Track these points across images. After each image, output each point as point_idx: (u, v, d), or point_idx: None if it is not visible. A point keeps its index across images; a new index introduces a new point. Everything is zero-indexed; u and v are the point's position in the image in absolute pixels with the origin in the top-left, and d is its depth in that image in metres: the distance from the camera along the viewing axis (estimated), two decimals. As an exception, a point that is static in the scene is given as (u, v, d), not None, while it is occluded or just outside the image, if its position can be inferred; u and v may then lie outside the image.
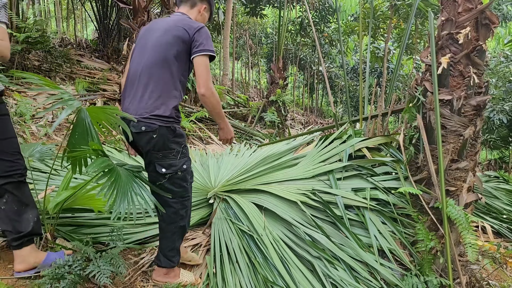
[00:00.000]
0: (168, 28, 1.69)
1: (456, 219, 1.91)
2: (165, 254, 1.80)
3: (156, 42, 1.68)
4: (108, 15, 8.08)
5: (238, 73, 16.15)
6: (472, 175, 2.14)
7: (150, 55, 1.67)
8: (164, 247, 1.80)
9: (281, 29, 6.94)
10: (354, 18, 10.20)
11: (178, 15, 1.79)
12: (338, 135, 2.80)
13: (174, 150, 1.67)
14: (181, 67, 1.69)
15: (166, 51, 1.65)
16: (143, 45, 1.74)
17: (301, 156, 2.86)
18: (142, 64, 1.68)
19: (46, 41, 5.00)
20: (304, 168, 2.64)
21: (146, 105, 1.62)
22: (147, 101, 1.62)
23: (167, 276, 1.85)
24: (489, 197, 3.43)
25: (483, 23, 2.05)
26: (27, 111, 3.71)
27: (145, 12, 5.10)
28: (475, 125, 2.10)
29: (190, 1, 1.84)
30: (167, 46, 1.65)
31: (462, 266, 2.14)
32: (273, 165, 2.82)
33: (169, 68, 1.65)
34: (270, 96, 7.18)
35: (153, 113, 1.60)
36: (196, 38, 1.65)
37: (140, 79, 1.66)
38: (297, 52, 12.35)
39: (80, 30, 13.13)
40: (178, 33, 1.65)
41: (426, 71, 2.27)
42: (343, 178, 2.42)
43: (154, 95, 1.62)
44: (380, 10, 7.89)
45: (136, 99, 1.65)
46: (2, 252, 1.82)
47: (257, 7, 9.94)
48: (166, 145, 1.64)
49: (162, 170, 1.66)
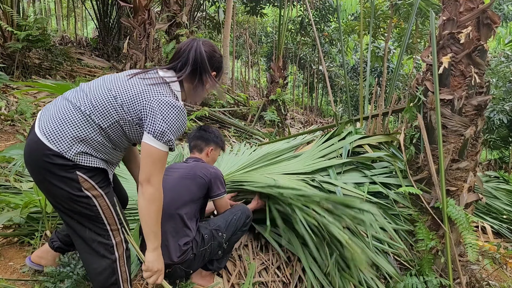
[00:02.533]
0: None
1: (457, 219, 1.91)
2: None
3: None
4: (108, 13, 8.07)
5: (238, 72, 16.14)
6: (472, 175, 2.14)
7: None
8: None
9: (281, 28, 6.93)
10: (355, 17, 10.19)
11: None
12: (338, 131, 2.80)
13: None
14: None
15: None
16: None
17: (301, 154, 2.86)
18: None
19: (46, 39, 4.99)
20: (303, 162, 2.64)
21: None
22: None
23: (204, 279, 1.88)
24: (489, 197, 3.42)
25: (484, 23, 2.04)
26: (27, 109, 3.71)
27: (146, 10, 5.09)
28: (476, 125, 2.09)
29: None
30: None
31: (462, 266, 2.15)
32: (272, 162, 2.83)
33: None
34: (270, 95, 7.17)
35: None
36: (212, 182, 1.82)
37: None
38: (297, 51, 12.33)
39: (80, 28, 13.11)
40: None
41: (427, 70, 2.27)
42: (342, 172, 2.41)
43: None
44: (381, 9, 7.87)
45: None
46: (2, 250, 1.82)
47: (257, 6, 9.93)
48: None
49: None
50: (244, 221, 1.90)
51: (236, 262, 2.12)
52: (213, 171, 1.84)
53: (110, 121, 1.21)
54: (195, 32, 6.53)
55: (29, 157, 1.20)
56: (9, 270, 1.70)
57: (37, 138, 1.16)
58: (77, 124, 1.18)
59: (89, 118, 1.19)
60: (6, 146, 3.08)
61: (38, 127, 1.19)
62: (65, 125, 1.17)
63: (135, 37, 5.10)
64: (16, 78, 4.60)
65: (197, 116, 5.48)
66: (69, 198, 1.19)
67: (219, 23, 10.15)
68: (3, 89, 4.14)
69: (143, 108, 1.21)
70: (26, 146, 1.21)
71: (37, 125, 1.20)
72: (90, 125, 1.19)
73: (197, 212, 1.81)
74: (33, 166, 1.20)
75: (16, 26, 4.53)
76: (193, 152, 2.02)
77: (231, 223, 1.83)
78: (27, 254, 1.82)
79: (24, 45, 4.60)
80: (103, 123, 1.20)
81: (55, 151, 1.15)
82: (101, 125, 1.20)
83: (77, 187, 1.18)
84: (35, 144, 1.17)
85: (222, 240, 1.79)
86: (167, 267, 1.67)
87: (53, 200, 1.24)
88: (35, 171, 1.20)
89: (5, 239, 1.89)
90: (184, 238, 1.69)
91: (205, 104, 6.60)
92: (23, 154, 1.23)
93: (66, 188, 1.18)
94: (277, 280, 2.04)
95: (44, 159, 1.15)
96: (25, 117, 3.68)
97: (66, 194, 1.19)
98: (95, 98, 1.21)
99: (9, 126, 3.53)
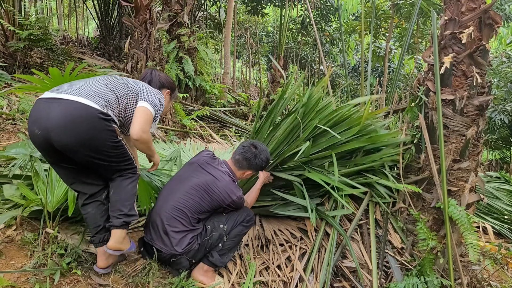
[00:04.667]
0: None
1: (458, 219, 1.90)
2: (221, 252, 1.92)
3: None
4: (109, 13, 8.08)
5: (239, 71, 16.14)
6: (474, 175, 2.14)
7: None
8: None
9: (282, 28, 6.92)
10: (356, 17, 10.17)
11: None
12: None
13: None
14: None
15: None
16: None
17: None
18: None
19: (48, 39, 5.00)
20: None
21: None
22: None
23: (205, 275, 1.91)
24: (490, 198, 3.42)
25: (486, 23, 2.04)
26: (29, 108, 3.71)
27: (147, 10, 5.09)
28: (478, 125, 2.09)
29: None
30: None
31: (463, 267, 2.14)
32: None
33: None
34: (271, 94, 7.17)
35: None
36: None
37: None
38: (298, 51, 12.32)
39: (81, 28, 13.12)
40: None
41: (428, 70, 2.27)
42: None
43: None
44: (382, 9, 7.86)
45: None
46: (4, 249, 1.83)
47: (258, 5, 9.92)
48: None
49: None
50: (245, 218, 1.96)
51: (237, 261, 2.12)
52: (236, 197, 1.90)
53: (122, 93, 1.70)
54: (196, 31, 6.52)
55: (77, 123, 1.53)
56: (11, 269, 1.71)
57: (85, 104, 1.55)
58: (106, 94, 1.65)
59: (112, 90, 1.68)
60: (7, 145, 3.09)
61: (77, 96, 1.56)
62: (102, 94, 1.62)
63: (136, 37, 5.10)
64: (18, 78, 4.61)
65: (198, 116, 5.48)
66: (112, 146, 1.62)
67: (220, 22, 10.14)
68: (5, 88, 4.14)
69: (140, 89, 1.77)
70: (62, 112, 1.53)
71: (72, 97, 1.56)
72: (113, 94, 1.68)
73: (207, 216, 1.94)
74: (81, 130, 1.53)
75: (18, 26, 4.54)
76: (233, 162, 2.05)
77: (232, 216, 1.94)
78: (28, 253, 1.83)
79: (25, 44, 4.61)
80: (118, 93, 1.69)
81: (103, 111, 1.57)
82: (116, 94, 1.68)
83: (115, 135, 1.63)
84: (84, 109, 1.54)
85: (222, 232, 1.88)
86: (173, 257, 1.80)
87: (96, 154, 1.61)
88: (80, 134, 1.54)
89: (7, 238, 1.90)
90: (191, 232, 1.83)
91: (206, 103, 6.60)
92: (54, 126, 1.52)
93: (110, 138, 1.61)
94: (278, 280, 2.04)
95: (94, 119, 1.55)
96: (27, 116, 3.68)
97: (110, 143, 1.61)
98: (112, 80, 1.74)
99: (10, 125, 3.53)
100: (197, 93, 6.47)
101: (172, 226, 1.81)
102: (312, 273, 2.06)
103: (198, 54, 6.46)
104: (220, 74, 11.00)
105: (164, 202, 1.89)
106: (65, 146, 1.56)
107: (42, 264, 1.75)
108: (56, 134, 1.53)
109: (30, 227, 2.03)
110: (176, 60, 5.94)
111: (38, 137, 1.57)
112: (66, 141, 1.54)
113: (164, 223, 1.82)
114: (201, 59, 6.58)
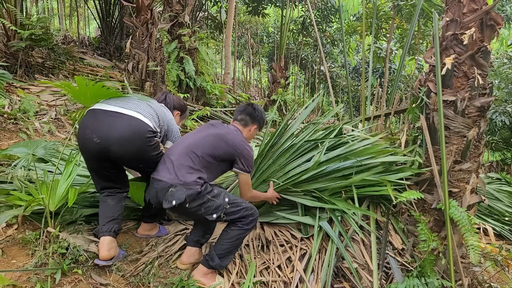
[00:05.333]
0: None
1: (459, 220, 1.90)
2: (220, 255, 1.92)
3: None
4: (110, 13, 8.08)
5: (239, 72, 16.14)
6: (475, 176, 2.13)
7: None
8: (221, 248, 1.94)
9: (283, 28, 6.93)
10: (356, 18, 10.17)
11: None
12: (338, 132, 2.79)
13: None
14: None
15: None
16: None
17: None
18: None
19: (49, 39, 5.00)
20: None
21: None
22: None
23: (206, 277, 1.91)
24: (491, 199, 3.41)
25: (488, 24, 2.04)
26: (30, 108, 3.72)
27: (148, 10, 5.10)
28: (479, 126, 2.09)
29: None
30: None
31: (464, 268, 2.14)
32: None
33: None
34: (272, 95, 7.18)
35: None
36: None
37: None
38: (298, 51, 12.33)
39: (82, 27, 13.14)
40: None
41: (429, 71, 2.27)
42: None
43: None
44: (383, 10, 7.86)
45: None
46: (5, 248, 1.83)
47: (259, 6, 9.92)
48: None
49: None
50: (250, 210, 1.94)
51: (237, 261, 2.12)
52: (247, 149, 1.97)
53: (163, 125, 2.06)
54: (197, 31, 6.53)
55: (135, 138, 1.79)
56: (13, 268, 1.71)
57: (142, 122, 1.84)
58: (154, 117, 1.95)
59: (158, 117, 1.99)
60: (9, 144, 3.09)
61: (134, 114, 1.83)
62: (148, 112, 1.93)
63: (138, 37, 5.11)
64: (19, 77, 4.61)
65: (199, 116, 5.49)
66: (155, 157, 1.92)
67: (221, 23, 10.15)
68: (6, 87, 4.15)
69: (169, 127, 2.14)
70: (126, 127, 1.79)
71: (132, 113, 1.83)
72: (158, 121, 2.00)
73: (214, 167, 1.93)
74: (137, 144, 1.80)
75: (20, 25, 4.54)
76: (237, 123, 2.14)
77: (239, 200, 1.94)
78: (30, 252, 1.83)
79: (27, 44, 4.62)
80: (161, 123, 2.03)
81: (152, 128, 1.87)
82: (161, 124, 2.03)
83: (158, 147, 1.96)
84: (141, 126, 1.82)
85: (224, 203, 1.86)
86: (172, 186, 1.78)
87: (144, 164, 1.92)
88: (138, 148, 1.81)
89: (8, 237, 1.90)
90: (198, 173, 1.84)
91: (207, 104, 6.60)
92: (116, 138, 1.76)
93: (155, 151, 1.91)
94: (278, 280, 2.04)
95: (147, 135, 1.83)
96: (28, 116, 3.69)
97: (155, 155, 1.92)
98: (158, 108, 2.07)
99: (12, 124, 3.54)
100: (197, 93, 6.47)
101: (182, 160, 1.84)
102: (313, 273, 2.06)
103: (199, 55, 6.47)
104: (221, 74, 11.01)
105: (175, 146, 1.96)
106: (121, 158, 1.82)
107: (43, 263, 1.75)
108: (116, 145, 1.76)
109: (32, 226, 2.03)
110: (177, 60, 5.95)
111: (95, 145, 1.76)
112: (123, 153, 1.79)
113: (173, 158, 1.86)
114: (202, 60, 6.59)
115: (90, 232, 2.10)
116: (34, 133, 3.48)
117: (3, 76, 3.14)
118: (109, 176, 1.94)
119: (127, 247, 2.10)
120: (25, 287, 1.61)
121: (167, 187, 1.78)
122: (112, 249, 1.85)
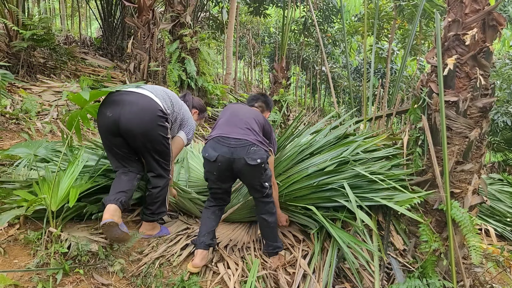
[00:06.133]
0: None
1: (461, 221, 1.90)
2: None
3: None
4: (112, 13, 8.09)
5: (240, 72, 16.15)
6: (477, 177, 2.13)
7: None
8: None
9: (284, 29, 6.92)
10: (358, 18, 10.17)
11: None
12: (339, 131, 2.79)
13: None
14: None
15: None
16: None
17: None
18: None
19: (51, 39, 5.01)
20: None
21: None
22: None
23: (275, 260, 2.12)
24: (493, 200, 3.40)
25: (490, 25, 2.03)
26: (32, 108, 3.72)
27: (150, 10, 5.10)
28: (481, 127, 2.08)
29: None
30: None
31: (466, 269, 2.13)
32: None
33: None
34: (273, 95, 7.17)
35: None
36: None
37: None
38: (300, 52, 12.32)
39: (84, 28, 13.16)
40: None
41: (431, 72, 2.26)
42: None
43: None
44: (385, 10, 7.85)
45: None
46: (7, 248, 1.84)
47: (261, 6, 9.93)
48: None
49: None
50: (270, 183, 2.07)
51: (239, 262, 2.12)
52: (270, 128, 2.18)
53: (179, 116, 2.22)
54: (198, 32, 6.53)
55: (142, 113, 1.90)
56: (14, 267, 1.71)
57: (153, 100, 1.97)
58: (168, 104, 2.10)
59: (167, 94, 2.13)
60: (11, 144, 3.10)
61: (146, 93, 1.98)
62: (161, 95, 2.07)
63: (139, 37, 5.11)
64: (21, 77, 4.62)
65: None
66: (162, 140, 2.00)
67: (223, 23, 10.16)
68: (8, 87, 4.16)
69: (184, 119, 2.30)
70: (136, 105, 1.90)
71: (144, 92, 1.99)
72: (174, 109, 2.16)
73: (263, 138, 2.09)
74: (145, 119, 1.90)
75: (22, 26, 4.55)
76: (255, 109, 2.28)
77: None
78: (32, 252, 1.83)
79: (29, 44, 4.63)
80: (177, 114, 2.19)
81: (162, 108, 1.99)
82: (177, 113, 2.19)
83: (167, 132, 2.03)
84: (151, 104, 1.95)
85: (266, 185, 2.02)
86: (253, 145, 1.88)
87: (150, 144, 1.97)
88: (145, 123, 1.90)
89: (10, 237, 1.90)
90: (263, 145, 1.95)
91: (208, 104, 6.61)
92: (125, 112, 1.89)
93: (162, 133, 1.99)
94: (279, 280, 2.04)
95: (157, 113, 1.94)
96: (30, 116, 3.70)
97: (162, 137, 2.00)
98: (166, 90, 2.18)
99: (14, 124, 3.55)
100: (199, 94, 6.47)
101: (252, 125, 1.97)
102: (314, 274, 2.06)
103: (200, 55, 6.47)
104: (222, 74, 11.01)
105: (230, 115, 2.06)
106: (128, 132, 1.89)
107: (45, 263, 1.75)
108: (124, 118, 1.87)
109: (33, 226, 2.04)
110: (178, 60, 5.95)
111: (107, 119, 1.89)
112: (130, 126, 1.88)
113: (240, 123, 1.96)
114: (203, 60, 6.58)
115: (91, 231, 2.10)
116: (36, 133, 3.48)
117: (5, 76, 3.15)
118: (121, 155, 2.02)
119: (129, 248, 2.10)
120: (27, 287, 1.62)
121: (249, 145, 1.86)
122: (116, 216, 1.84)
